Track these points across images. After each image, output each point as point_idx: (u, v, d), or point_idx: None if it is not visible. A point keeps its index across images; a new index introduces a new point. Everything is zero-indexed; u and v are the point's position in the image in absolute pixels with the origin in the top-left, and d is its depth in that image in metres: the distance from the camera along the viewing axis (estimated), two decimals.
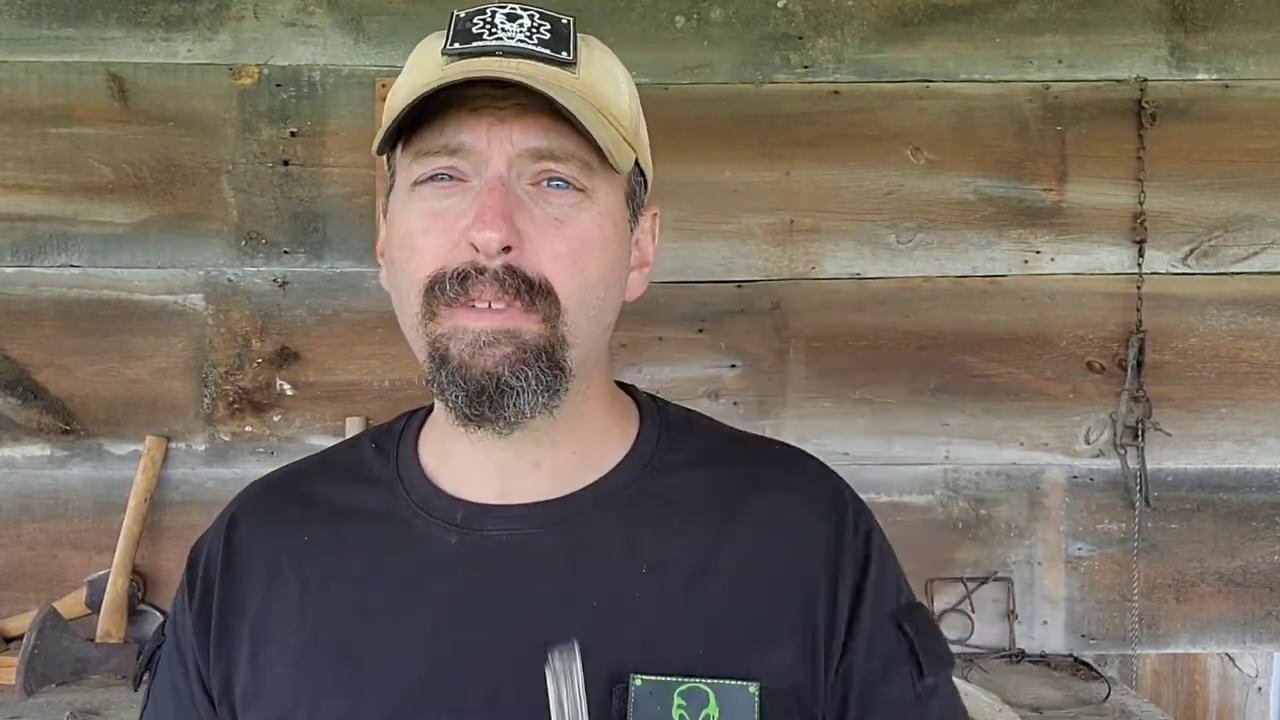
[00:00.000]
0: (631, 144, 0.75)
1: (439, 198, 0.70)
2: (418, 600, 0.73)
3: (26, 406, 1.88)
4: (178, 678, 0.80)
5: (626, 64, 0.79)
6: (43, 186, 1.87)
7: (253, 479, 0.89)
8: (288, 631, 0.75)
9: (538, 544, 0.74)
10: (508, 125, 0.69)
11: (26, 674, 1.68)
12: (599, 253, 0.71)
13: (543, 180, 0.70)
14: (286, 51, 1.90)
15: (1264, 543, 1.98)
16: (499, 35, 0.71)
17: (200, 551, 0.83)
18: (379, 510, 0.78)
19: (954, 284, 1.96)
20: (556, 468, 0.76)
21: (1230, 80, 1.95)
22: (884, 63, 1.94)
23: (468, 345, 0.68)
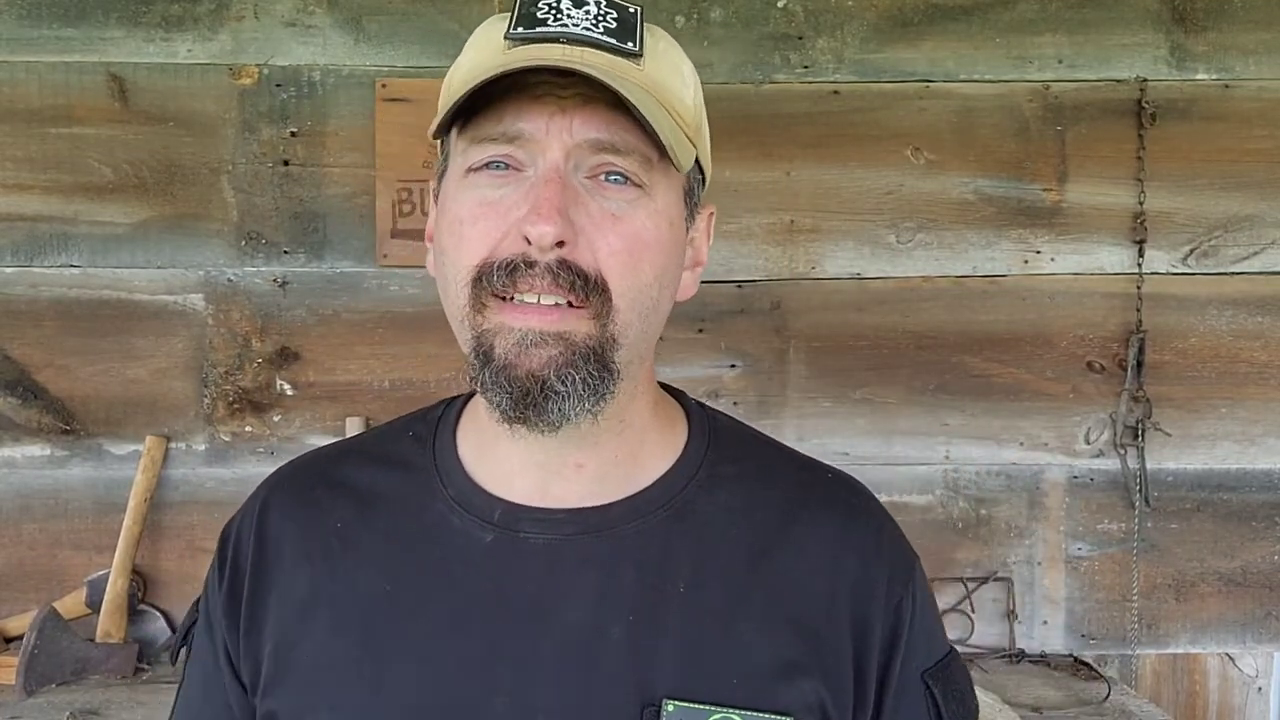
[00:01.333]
0: (693, 140, 0.73)
1: (493, 186, 0.68)
2: (449, 597, 0.72)
3: (27, 406, 1.88)
4: (208, 657, 0.80)
5: None
6: (43, 186, 1.87)
7: (252, 479, 0.88)
8: (315, 618, 0.74)
9: (575, 551, 0.72)
10: (569, 115, 0.67)
11: (27, 674, 1.68)
12: (654, 251, 0.69)
13: (600, 174, 0.68)
14: (286, 51, 1.90)
15: (1264, 543, 1.98)
16: (564, 21, 0.69)
17: (231, 532, 0.82)
18: (414, 500, 0.77)
19: (954, 284, 1.96)
20: (599, 471, 0.74)
21: (1230, 80, 1.95)
22: (884, 63, 1.94)
23: (514, 344, 0.66)
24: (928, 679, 0.75)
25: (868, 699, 0.72)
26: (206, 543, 1.90)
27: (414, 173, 1.89)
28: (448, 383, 1.92)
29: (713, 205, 0.81)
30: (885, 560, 0.76)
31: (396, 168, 1.89)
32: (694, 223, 0.77)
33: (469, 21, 1.90)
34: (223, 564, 0.80)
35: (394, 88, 1.89)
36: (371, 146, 1.89)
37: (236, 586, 0.77)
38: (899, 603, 0.74)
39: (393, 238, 1.89)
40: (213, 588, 0.80)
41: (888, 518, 0.80)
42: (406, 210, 1.89)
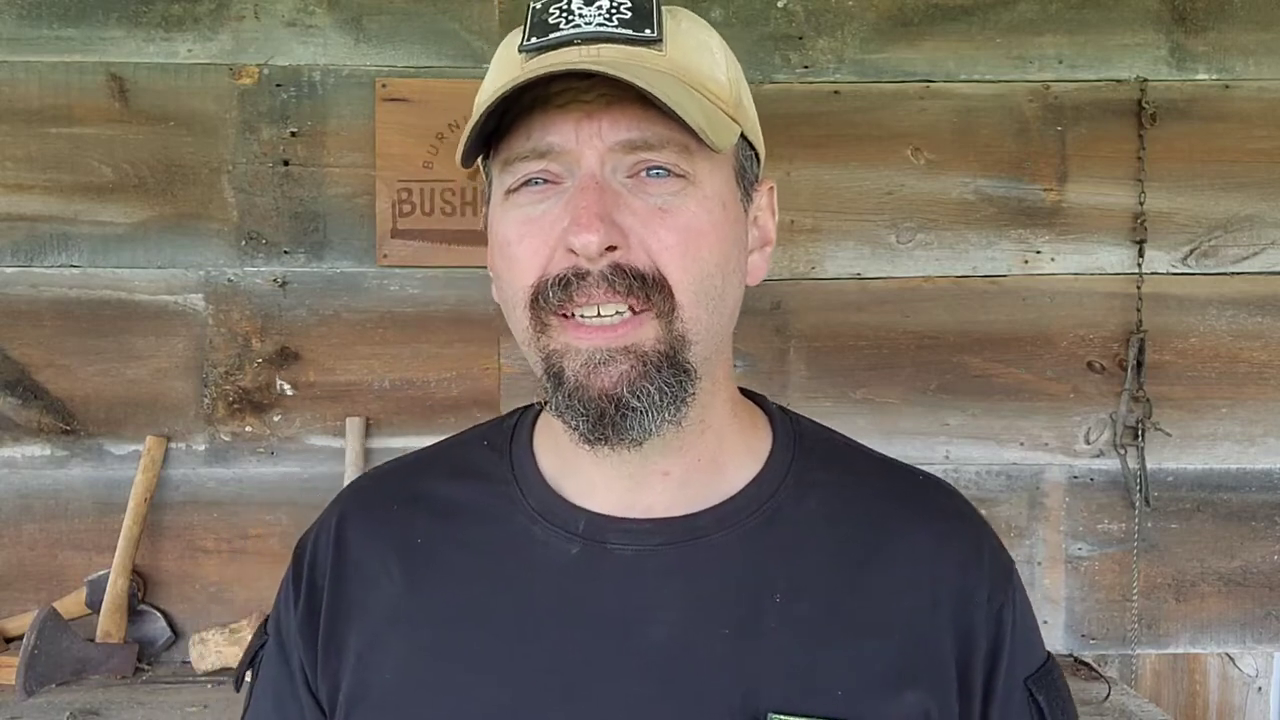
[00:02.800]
0: (734, 117, 0.69)
1: (533, 203, 0.66)
2: (534, 610, 0.70)
3: (27, 406, 1.88)
4: (281, 679, 0.78)
5: None
6: (43, 186, 1.87)
7: (252, 479, 0.88)
8: (396, 635, 0.72)
9: (664, 562, 0.70)
10: (596, 119, 0.65)
11: (27, 674, 1.68)
12: (710, 239, 0.66)
13: (640, 170, 0.66)
14: (287, 51, 1.90)
15: (1264, 543, 1.98)
16: (576, 21, 0.66)
17: (306, 548, 0.80)
18: (495, 513, 0.74)
19: (954, 284, 1.96)
20: (684, 477, 0.72)
21: (1230, 80, 1.95)
22: (884, 63, 1.94)
23: (583, 365, 0.65)
24: (1031, 685, 0.73)
25: (973, 709, 0.71)
26: (206, 543, 1.90)
27: (414, 173, 1.89)
28: (448, 383, 1.92)
29: (772, 180, 0.78)
30: (986, 566, 0.74)
31: (396, 168, 1.89)
32: (753, 201, 0.74)
33: (469, 22, 1.90)
34: (298, 581, 0.78)
35: (394, 88, 1.89)
36: (372, 146, 1.89)
37: (314, 604, 0.76)
38: (1000, 609, 0.72)
39: (393, 238, 1.89)
40: (287, 606, 0.78)
41: (984, 521, 0.78)
42: (406, 210, 1.89)
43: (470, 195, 1.90)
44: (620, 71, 0.62)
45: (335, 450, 1.90)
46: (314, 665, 0.75)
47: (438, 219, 1.90)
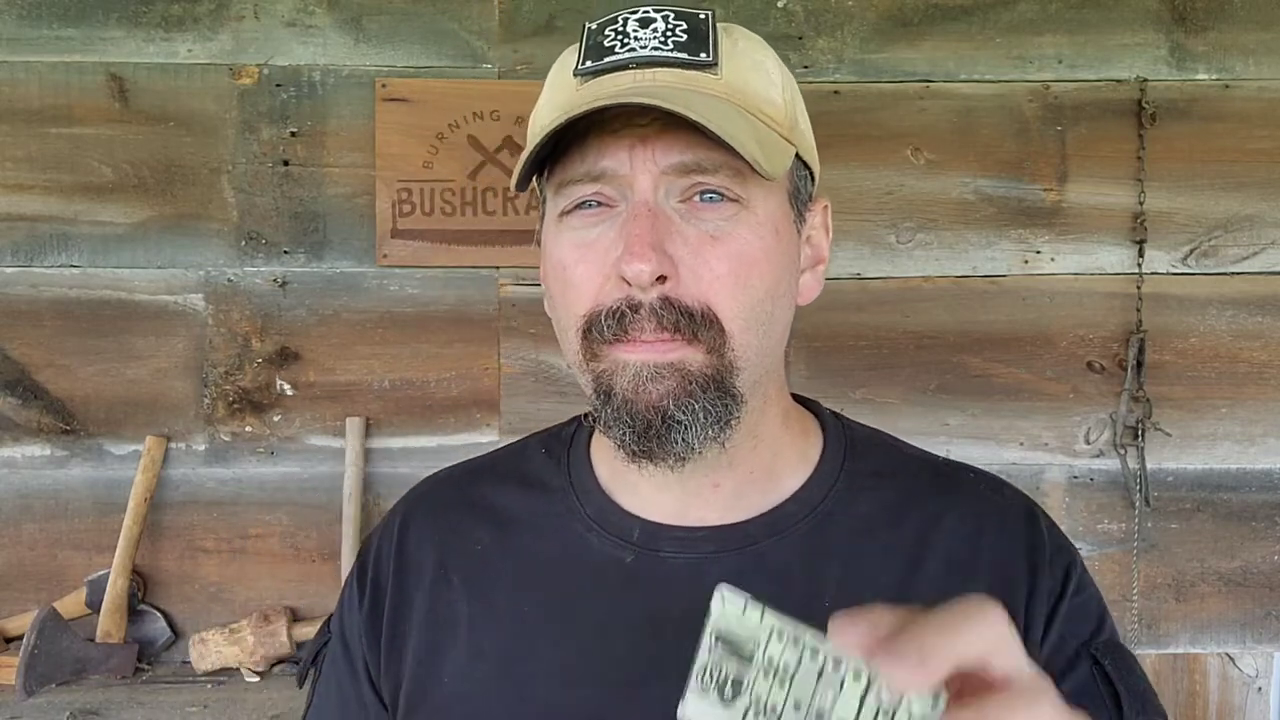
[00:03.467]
0: (788, 139, 0.70)
1: (587, 227, 0.67)
2: (591, 618, 0.71)
3: (26, 406, 1.88)
4: (344, 678, 0.78)
5: None
6: (43, 186, 1.87)
7: (252, 479, 0.88)
8: (454, 642, 0.73)
9: (717, 570, 0.69)
10: (650, 145, 0.65)
11: (26, 674, 1.68)
12: (762, 266, 0.67)
13: (694, 195, 0.66)
14: (287, 51, 1.90)
15: (1264, 543, 1.98)
16: (631, 45, 0.67)
17: (370, 551, 0.81)
18: (552, 520, 0.75)
19: (954, 284, 1.96)
20: (736, 489, 0.72)
21: (1230, 80, 1.95)
22: (884, 63, 1.94)
23: (631, 379, 0.65)
24: (1096, 652, 0.71)
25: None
26: (206, 543, 1.90)
27: (414, 173, 1.89)
28: (448, 383, 1.92)
29: (826, 198, 0.78)
30: (1045, 552, 0.73)
31: (396, 168, 1.89)
32: (806, 221, 0.74)
33: (469, 22, 1.90)
34: (363, 583, 0.79)
35: (394, 88, 1.89)
36: (371, 146, 1.89)
37: (378, 605, 0.77)
38: (1060, 589, 0.71)
39: (393, 238, 1.89)
40: (351, 606, 0.79)
41: (1039, 509, 0.77)
42: (406, 210, 1.89)
43: (470, 195, 1.90)
44: (674, 104, 0.61)
45: (335, 450, 1.90)
46: (378, 665, 0.76)
47: (438, 219, 1.90)
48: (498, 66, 1.91)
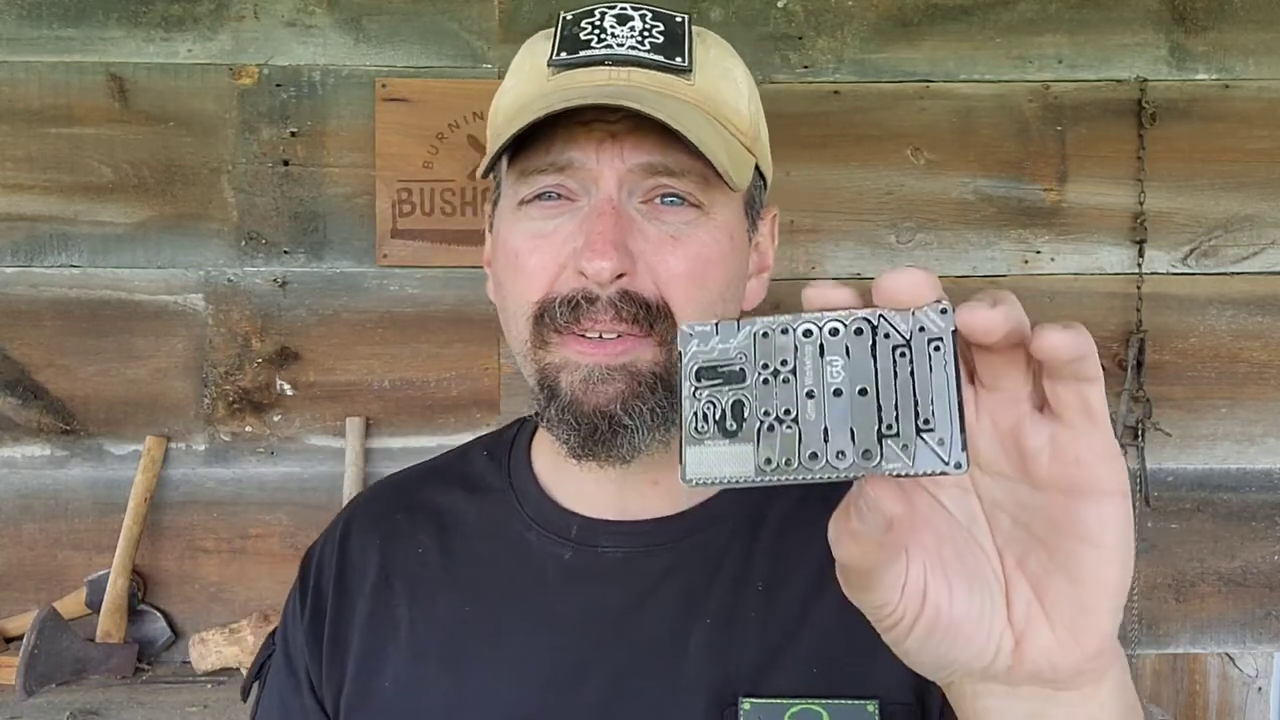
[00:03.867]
0: (751, 149, 0.71)
1: (546, 218, 0.67)
2: (530, 617, 0.71)
3: (26, 406, 1.88)
4: (286, 690, 0.78)
5: None
6: (42, 186, 1.87)
7: (252, 479, 0.89)
8: (395, 644, 0.73)
9: (654, 562, 0.71)
10: (619, 142, 0.65)
11: (26, 674, 1.68)
12: (718, 269, 0.67)
13: (656, 197, 0.66)
14: (287, 51, 1.90)
15: (1264, 543, 1.98)
16: (608, 41, 0.67)
17: (313, 558, 0.81)
18: (492, 521, 0.76)
19: (954, 284, 1.96)
20: (672, 486, 0.73)
21: (1230, 80, 1.95)
22: (884, 63, 1.94)
23: (580, 380, 0.65)
24: None
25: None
26: (206, 543, 1.90)
27: (414, 173, 1.89)
28: (448, 383, 1.92)
29: (775, 208, 0.79)
30: None
31: (396, 168, 1.89)
32: (757, 230, 0.75)
33: (469, 22, 1.90)
34: (304, 590, 0.79)
35: (394, 88, 1.89)
36: (371, 146, 1.89)
37: (319, 612, 0.77)
38: None
39: (393, 238, 1.89)
40: (293, 616, 0.79)
41: None
42: (406, 210, 1.89)
43: (470, 195, 1.90)
44: (648, 107, 0.62)
45: (335, 450, 1.90)
46: (319, 674, 0.76)
47: (438, 219, 1.90)
48: (498, 66, 1.91)
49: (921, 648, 0.42)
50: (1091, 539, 0.39)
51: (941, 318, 0.37)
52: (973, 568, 0.42)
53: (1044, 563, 0.41)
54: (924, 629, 0.41)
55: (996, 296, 0.37)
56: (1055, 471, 0.39)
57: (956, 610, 0.41)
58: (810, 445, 0.38)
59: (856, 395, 0.37)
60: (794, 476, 0.38)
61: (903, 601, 0.40)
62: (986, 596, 0.41)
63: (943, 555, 0.41)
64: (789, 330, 0.39)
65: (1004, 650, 0.41)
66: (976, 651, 0.41)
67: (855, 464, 0.37)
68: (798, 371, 0.39)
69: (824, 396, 0.38)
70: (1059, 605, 0.41)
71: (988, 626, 0.41)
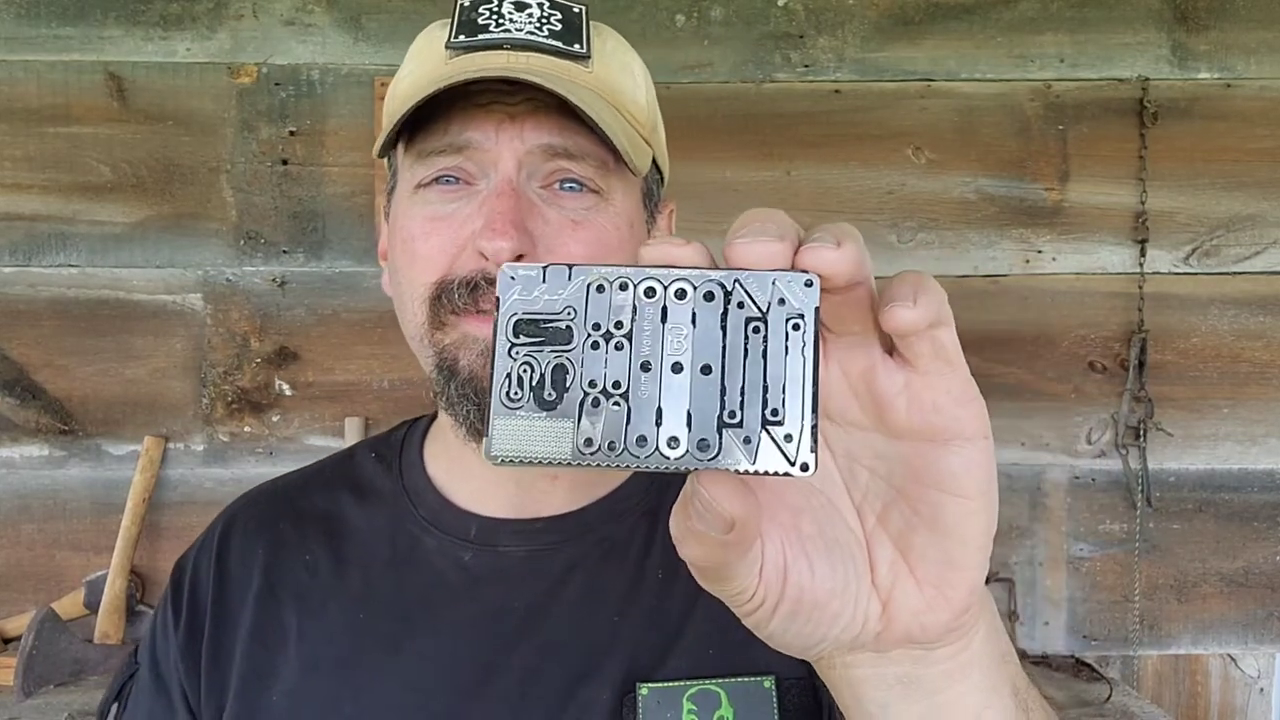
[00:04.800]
0: (649, 141, 0.71)
1: (443, 202, 0.66)
2: (429, 622, 0.69)
3: (25, 406, 1.88)
4: (157, 709, 0.73)
5: None
6: (41, 186, 1.87)
7: (251, 479, 0.86)
8: (284, 656, 0.70)
9: (556, 559, 0.70)
10: (518, 123, 0.64)
11: (24, 675, 1.67)
12: (618, 255, 0.67)
13: (555, 182, 0.66)
14: (285, 50, 1.89)
15: (1266, 543, 1.97)
16: (506, 26, 0.66)
17: (186, 570, 0.77)
18: (383, 525, 0.73)
19: (955, 284, 1.95)
20: (572, 481, 0.72)
21: (1232, 79, 1.94)
22: (885, 62, 1.94)
23: (479, 355, 0.64)
24: None
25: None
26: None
27: None
28: None
29: (673, 203, 0.78)
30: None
31: None
32: (655, 223, 0.75)
33: None
34: (178, 605, 0.75)
35: None
36: (370, 145, 1.88)
37: (196, 628, 0.73)
38: None
39: None
40: (164, 632, 0.75)
41: None
42: None
43: None
44: (553, 84, 0.61)
45: (334, 450, 1.89)
46: (197, 690, 0.72)
47: None
48: None
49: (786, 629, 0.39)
50: (955, 487, 0.36)
51: (806, 291, 0.33)
52: (833, 536, 0.39)
53: (906, 517, 0.38)
54: (787, 611, 0.38)
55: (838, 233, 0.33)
56: (913, 419, 0.36)
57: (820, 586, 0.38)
58: (639, 428, 0.33)
59: (698, 373, 0.33)
60: (616, 463, 0.33)
61: (762, 585, 0.37)
62: (850, 564, 0.39)
63: (801, 529, 0.39)
64: (628, 285, 0.34)
65: (871, 617, 0.39)
66: (845, 625, 0.39)
67: (688, 455, 0.32)
68: (634, 337, 0.33)
69: (661, 370, 0.33)
70: (925, 561, 0.38)
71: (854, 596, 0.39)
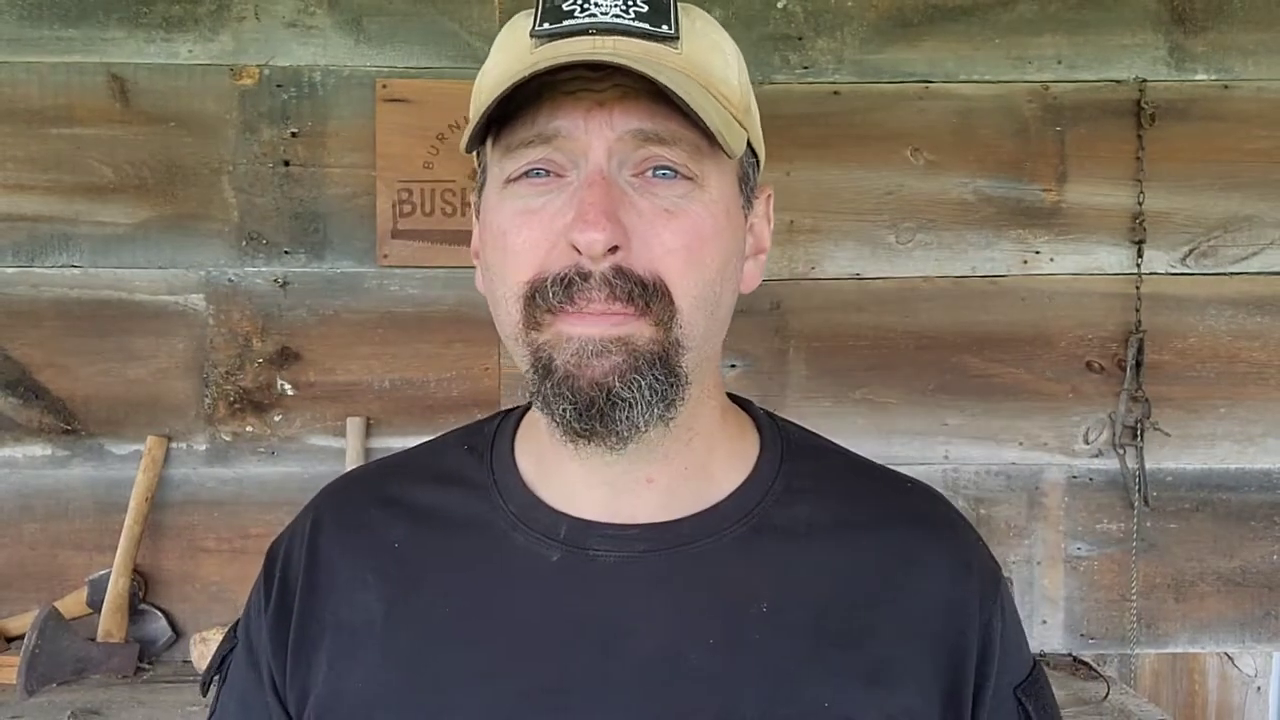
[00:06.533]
0: (743, 123, 0.68)
1: (534, 195, 0.64)
2: (513, 619, 0.67)
3: (28, 406, 1.89)
4: (249, 685, 0.75)
5: None
6: (44, 187, 1.88)
7: (253, 479, 0.87)
8: (369, 644, 0.69)
9: (649, 569, 0.67)
10: (607, 109, 0.62)
11: (27, 673, 1.68)
12: (714, 245, 0.64)
13: (647, 170, 0.63)
14: (287, 52, 1.90)
15: (1263, 542, 1.98)
16: (591, 10, 0.64)
17: (279, 552, 0.77)
18: (473, 518, 0.72)
19: (954, 284, 1.96)
20: (670, 485, 0.70)
21: (1229, 81, 1.95)
22: (884, 63, 1.94)
23: (574, 354, 0.62)
24: (1020, 694, 0.72)
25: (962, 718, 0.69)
26: (207, 542, 1.90)
27: (414, 173, 1.89)
28: (448, 383, 1.92)
29: (770, 187, 0.76)
30: (975, 576, 0.72)
31: (397, 168, 1.89)
32: (752, 208, 0.72)
33: (469, 21, 1.91)
34: (269, 585, 0.75)
35: (394, 88, 1.89)
36: (372, 147, 1.89)
37: (285, 609, 0.73)
38: (989, 619, 0.71)
39: (393, 238, 1.90)
40: (256, 611, 0.76)
41: (971, 529, 0.76)
42: (407, 210, 1.89)
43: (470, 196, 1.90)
44: (640, 65, 0.59)
45: (336, 450, 1.90)
46: (283, 671, 0.72)
47: (438, 219, 1.90)
48: None
49: None
50: None
51: None
52: None
53: None
54: None
55: None
56: None
57: None
58: None
59: None
60: None
61: None
62: None
63: None
64: None
65: None
66: None
67: None
68: None
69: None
70: None
71: None
